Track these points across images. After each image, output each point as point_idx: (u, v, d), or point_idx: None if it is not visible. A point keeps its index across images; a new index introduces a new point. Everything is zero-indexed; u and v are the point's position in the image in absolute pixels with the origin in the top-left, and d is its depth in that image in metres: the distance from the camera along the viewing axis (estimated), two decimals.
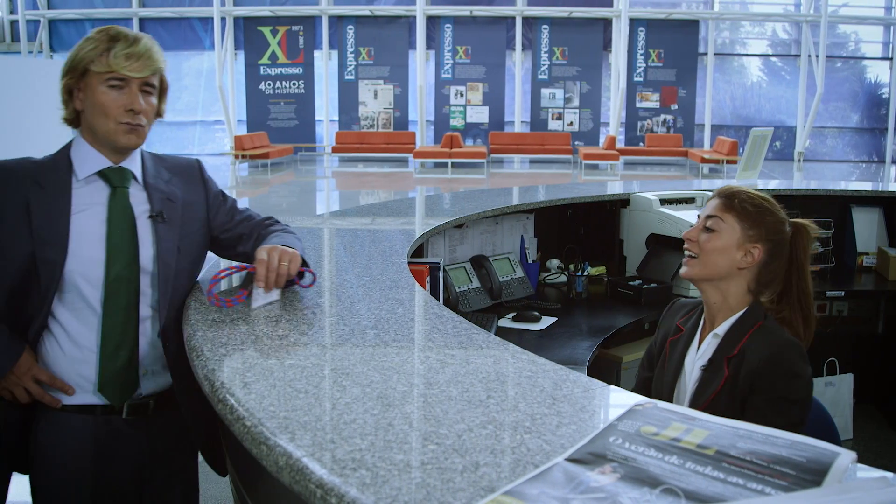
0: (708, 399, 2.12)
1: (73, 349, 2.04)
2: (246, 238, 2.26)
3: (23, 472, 2.15)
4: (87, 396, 2.06)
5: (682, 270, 2.28)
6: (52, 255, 1.97)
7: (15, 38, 24.10)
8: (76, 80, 2.03)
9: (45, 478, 2.09)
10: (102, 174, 2.08)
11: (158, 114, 2.15)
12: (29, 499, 2.13)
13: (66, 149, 2.11)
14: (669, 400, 2.21)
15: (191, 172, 2.27)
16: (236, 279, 2.28)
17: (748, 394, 2.08)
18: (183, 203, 2.17)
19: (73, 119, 2.11)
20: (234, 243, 2.28)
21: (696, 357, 2.24)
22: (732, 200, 2.21)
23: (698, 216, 2.30)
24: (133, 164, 2.13)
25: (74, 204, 2.03)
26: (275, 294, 1.99)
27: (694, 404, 2.15)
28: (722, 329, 2.20)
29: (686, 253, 2.27)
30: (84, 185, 2.06)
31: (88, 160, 2.07)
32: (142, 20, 23.60)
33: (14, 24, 24.11)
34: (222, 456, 2.23)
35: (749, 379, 2.08)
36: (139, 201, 2.10)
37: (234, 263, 2.16)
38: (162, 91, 2.14)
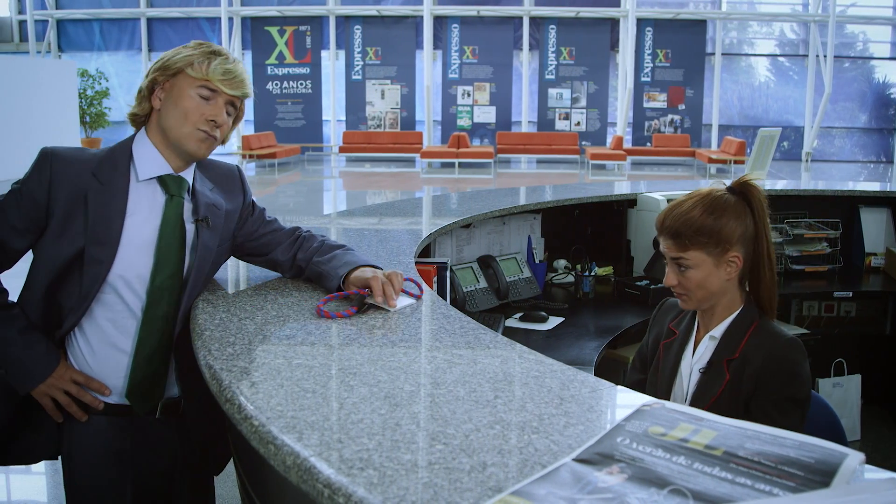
0: (709, 402, 2.11)
1: (106, 351, 2.04)
2: (274, 245, 2.25)
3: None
4: (114, 398, 2.07)
5: (681, 304, 2.23)
6: (101, 254, 1.95)
7: (23, 37, 24.19)
8: (166, 78, 2.02)
9: (80, 478, 2.10)
10: (161, 180, 2.05)
11: (223, 139, 2.14)
12: (39, 497, 2.14)
13: (127, 145, 2.07)
14: None
15: (232, 180, 2.25)
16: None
17: (752, 395, 2.07)
18: (225, 212, 2.16)
19: (141, 117, 2.08)
20: (261, 251, 2.26)
21: (693, 360, 2.23)
22: (682, 239, 2.13)
23: (661, 252, 2.22)
24: (189, 174, 2.12)
25: (129, 205, 2.01)
26: (407, 299, 2.02)
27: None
28: (718, 331, 2.18)
29: (674, 292, 2.23)
30: (141, 187, 2.04)
31: (152, 163, 2.05)
32: (149, 20, 23.66)
33: (22, 23, 24.20)
34: (219, 457, 2.25)
35: (752, 380, 2.07)
36: (186, 210, 2.08)
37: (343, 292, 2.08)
38: (236, 118, 2.13)
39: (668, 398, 2.24)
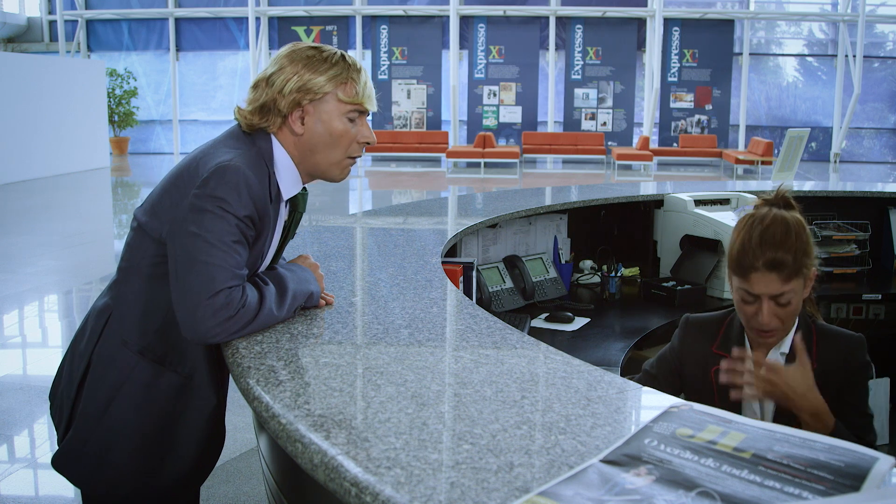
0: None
1: None
2: None
3: None
4: None
5: (768, 341, 2.13)
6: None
7: (53, 37, 24.41)
8: (309, 100, 1.86)
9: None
10: (293, 197, 1.96)
11: None
12: (66, 493, 2.14)
13: (265, 161, 1.86)
14: None
15: None
16: None
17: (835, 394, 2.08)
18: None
19: (258, 129, 1.90)
20: None
21: None
22: (785, 269, 2.01)
23: (746, 292, 2.07)
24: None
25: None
26: None
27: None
28: (786, 345, 2.16)
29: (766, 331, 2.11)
30: (278, 204, 1.91)
31: (292, 182, 1.92)
32: (177, 20, 23.82)
33: (52, 24, 24.42)
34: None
35: (836, 385, 2.09)
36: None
37: None
38: None
39: None
